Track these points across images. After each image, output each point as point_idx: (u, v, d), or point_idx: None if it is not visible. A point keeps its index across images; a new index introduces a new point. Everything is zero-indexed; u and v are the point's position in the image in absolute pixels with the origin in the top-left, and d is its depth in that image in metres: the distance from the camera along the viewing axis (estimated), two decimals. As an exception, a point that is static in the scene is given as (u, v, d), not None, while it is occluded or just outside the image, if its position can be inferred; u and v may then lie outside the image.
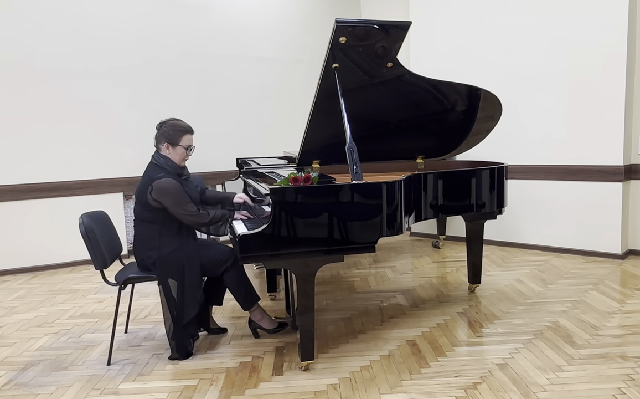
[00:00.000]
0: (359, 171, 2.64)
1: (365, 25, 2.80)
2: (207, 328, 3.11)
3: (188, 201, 2.70)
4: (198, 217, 2.71)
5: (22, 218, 4.74)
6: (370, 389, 2.42)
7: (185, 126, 2.86)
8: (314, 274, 2.55)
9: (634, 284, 3.81)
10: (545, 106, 4.72)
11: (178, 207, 2.68)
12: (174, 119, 2.87)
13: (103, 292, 4.06)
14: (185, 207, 2.68)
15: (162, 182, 2.67)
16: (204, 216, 2.74)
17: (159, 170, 2.74)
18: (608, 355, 2.67)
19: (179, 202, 2.68)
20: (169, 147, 2.79)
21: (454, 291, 3.82)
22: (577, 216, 4.64)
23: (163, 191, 2.66)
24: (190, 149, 2.86)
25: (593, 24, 4.37)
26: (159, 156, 2.80)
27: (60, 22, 4.75)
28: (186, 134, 2.83)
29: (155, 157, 2.81)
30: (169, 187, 2.67)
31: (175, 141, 2.80)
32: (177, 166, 2.81)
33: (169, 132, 2.79)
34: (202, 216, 2.73)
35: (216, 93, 5.54)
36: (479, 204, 3.24)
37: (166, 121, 2.84)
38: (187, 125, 2.87)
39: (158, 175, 2.71)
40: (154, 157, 2.81)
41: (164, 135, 2.79)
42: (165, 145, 2.79)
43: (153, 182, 2.68)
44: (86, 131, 4.93)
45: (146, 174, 2.77)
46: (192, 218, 2.70)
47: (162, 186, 2.66)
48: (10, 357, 2.94)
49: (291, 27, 5.98)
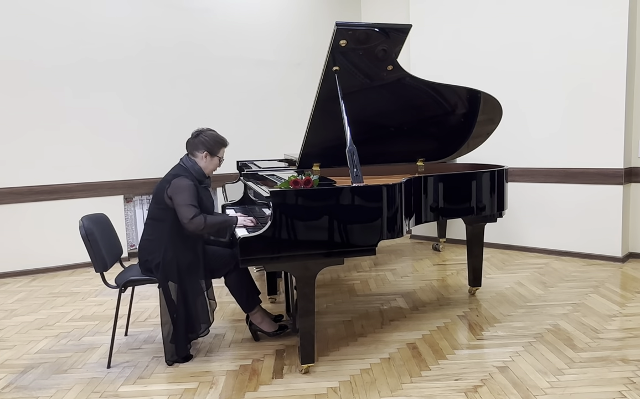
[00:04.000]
0: (359, 173, 2.64)
1: (366, 29, 2.80)
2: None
3: (192, 205, 2.67)
4: (191, 222, 2.64)
5: (23, 221, 4.75)
6: (370, 393, 2.42)
7: (224, 138, 2.93)
8: (314, 277, 2.55)
9: (635, 287, 3.80)
10: (545, 108, 4.72)
11: (181, 206, 2.66)
12: (211, 129, 2.92)
13: (103, 295, 4.06)
14: (185, 209, 2.65)
15: (179, 180, 2.71)
16: (199, 222, 2.65)
17: (184, 171, 2.78)
18: (609, 358, 2.67)
19: (184, 201, 2.66)
20: (208, 156, 2.84)
21: (454, 294, 3.81)
22: (578, 219, 4.63)
23: (177, 187, 2.68)
24: (222, 161, 2.93)
25: (593, 26, 4.38)
26: (187, 159, 2.85)
27: (61, 25, 4.75)
28: (224, 146, 2.92)
29: (184, 160, 2.85)
30: (184, 184, 2.69)
31: (214, 151, 2.86)
32: (202, 173, 2.85)
33: (210, 142, 2.85)
34: (196, 221, 2.64)
35: (216, 95, 5.55)
36: (480, 207, 3.24)
37: (204, 130, 2.88)
38: (225, 138, 2.94)
39: (181, 174, 2.74)
40: (183, 160, 2.85)
41: (204, 144, 2.83)
42: (205, 153, 2.83)
43: (173, 180, 2.71)
44: (86, 133, 4.93)
45: (169, 172, 2.81)
46: (187, 222, 2.65)
47: (178, 183, 2.69)
48: (10, 360, 2.94)
49: (291, 30, 5.99)
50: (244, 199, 3.82)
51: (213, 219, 2.76)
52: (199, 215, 2.67)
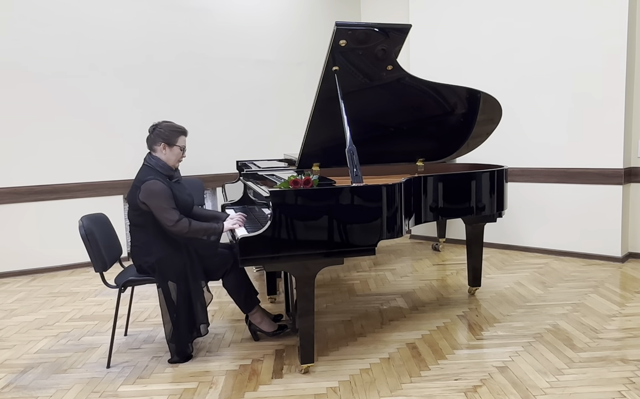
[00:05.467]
0: (359, 173, 2.64)
1: (366, 29, 2.80)
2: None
3: (171, 208, 2.65)
4: (175, 226, 2.63)
5: (22, 220, 4.74)
6: (370, 392, 2.42)
7: (181, 127, 2.88)
8: (314, 277, 2.55)
9: (634, 287, 3.80)
10: (545, 108, 4.72)
11: (161, 211, 2.64)
12: (167, 121, 2.87)
13: (103, 295, 4.06)
14: (165, 214, 2.63)
15: (150, 184, 2.66)
16: (182, 226, 2.63)
17: (150, 171, 2.74)
18: (608, 358, 2.67)
19: (162, 206, 2.64)
20: (166, 147, 2.79)
21: (454, 294, 3.82)
22: (577, 219, 4.64)
23: (150, 192, 2.64)
24: (184, 150, 2.87)
25: (593, 27, 4.38)
26: (150, 157, 2.80)
27: (61, 23, 4.75)
28: (182, 134, 2.86)
29: (147, 159, 2.81)
30: (155, 188, 2.65)
31: (172, 141, 2.81)
32: (168, 167, 2.80)
33: (165, 132, 2.80)
34: (179, 225, 2.63)
35: (216, 95, 5.55)
36: (479, 207, 3.24)
37: (159, 123, 2.84)
38: (182, 126, 2.89)
39: (148, 177, 2.69)
40: (146, 160, 2.81)
41: (160, 135, 2.79)
42: (162, 145, 2.79)
43: (142, 184, 2.67)
44: (86, 133, 4.93)
45: (137, 177, 2.76)
46: (170, 227, 2.64)
47: (149, 188, 2.65)
48: (10, 360, 2.94)
49: (291, 30, 5.99)
50: (243, 199, 3.82)
51: (197, 225, 2.70)
52: (182, 219, 2.65)
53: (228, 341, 3.08)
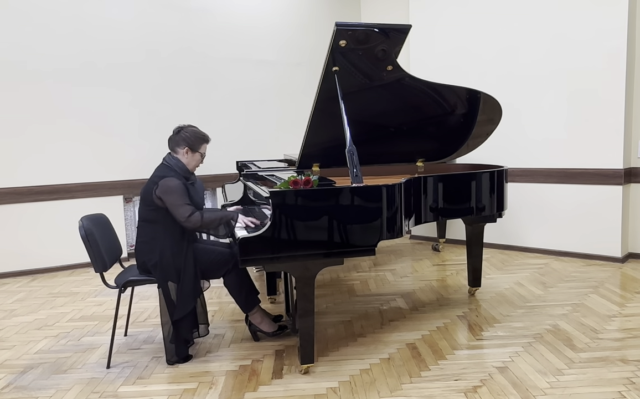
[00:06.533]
0: (359, 173, 2.64)
1: (366, 29, 2.80)
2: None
3: (186, 203, 2.70)
4: (188, 221, 2.67)
5: (22, 221, 4.74)
6: (370, 393, 2.42)
7: (205, 134, 2.92)
8: (314, 277, 2.55)
9: (634, 288, 3.80)
10: (545, 108, 4.72)
11: (176, 207, 2.68)
12: (192, 125, 2.91)
13: (103, 295, 4.06)
14: (180, 210, 2.67)
15: (167, 180, 2.70)
16: (195, 219, 2.68)
17: (169, 170, 2.78)
18: (608, 359, 2.67)
19: (177, 202, 2.68)
20: (189, 152, 2.84)
21: (454, 294, 3.81)
22: (577, 219, 4.63)
23: (167, 188, 2.68)
24: (204, 157, 2.93)
25: (593, 27, 4.38)
26: (170, 157, 2.84)
27: (61, 23, 4.75)
28: (205, 142, 2.90)
29: (167, 158, 2.85)
30: (172, 184, 2.69)
31: (195, 147, 2.85)
32: (187, 170, 2.84)
33: (191, 138, 2.84)
34: (192, 219, 2.67)
35: (216, 96, 5.55)
36: (479, 207, 3.24)
37: (185, 127, 2.88)
38: (206, 134, 2.93)
39: (167, 175, 2.74)
40: (166, 159, 2.85)
41: (185, 140, 2.83)
42: (186, 149, 2.83)
43: (160, 180, 2.71)
44: (86, 133, 4.93)
45: (154, 174, 2.80)
46: (184, 221, 2.68)
47: (167, 184, 2.69)
48: (10, 360, 2.94)
49: (291, 30, 5.99)
50: (243, 199, 3.81)
51: (211, 216, 2.76)
52: (195, 213, 2.69)
53: (228, 341, 3.08)
